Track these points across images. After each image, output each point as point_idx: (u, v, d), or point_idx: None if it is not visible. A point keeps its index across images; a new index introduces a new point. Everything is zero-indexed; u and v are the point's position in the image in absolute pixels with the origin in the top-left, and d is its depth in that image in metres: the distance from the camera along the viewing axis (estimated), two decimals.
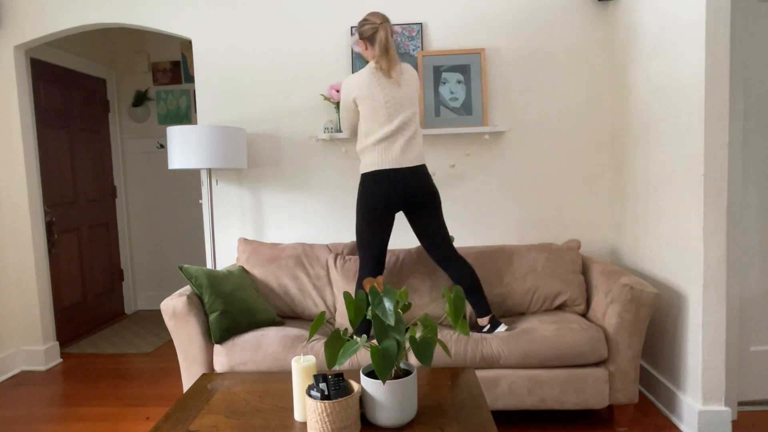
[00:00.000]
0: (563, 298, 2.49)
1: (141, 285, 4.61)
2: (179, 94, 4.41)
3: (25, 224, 3.18)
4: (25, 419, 2.55)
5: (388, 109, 2.26)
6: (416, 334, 1.45)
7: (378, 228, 2.30)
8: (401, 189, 2.25)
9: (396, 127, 2.26)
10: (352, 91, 2.31)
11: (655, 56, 2.42)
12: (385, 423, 1.43)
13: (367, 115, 2.29)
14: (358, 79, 2.30)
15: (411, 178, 2.26)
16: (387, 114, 2.26)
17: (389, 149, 2.26)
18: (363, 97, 2.28)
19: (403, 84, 2.30)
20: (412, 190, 2.26)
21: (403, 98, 2.28)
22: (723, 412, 2.10)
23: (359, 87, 2.28)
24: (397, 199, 2.27)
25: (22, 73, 3.18)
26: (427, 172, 2.34)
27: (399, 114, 2.27)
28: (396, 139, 2.27)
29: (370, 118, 2.28)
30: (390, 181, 2.25)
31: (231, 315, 2.29)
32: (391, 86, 2.27)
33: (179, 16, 3.05)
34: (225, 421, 1.52)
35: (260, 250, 2.72)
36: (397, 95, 2.27)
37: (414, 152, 2.29)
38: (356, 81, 2.30)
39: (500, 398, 2.18)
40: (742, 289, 2.37)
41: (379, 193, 2.25)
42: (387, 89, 2.27)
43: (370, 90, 2.26)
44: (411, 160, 2.27)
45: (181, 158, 2.66)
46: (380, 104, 2.26)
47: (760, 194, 2.34)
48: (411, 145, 2.28)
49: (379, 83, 2.27)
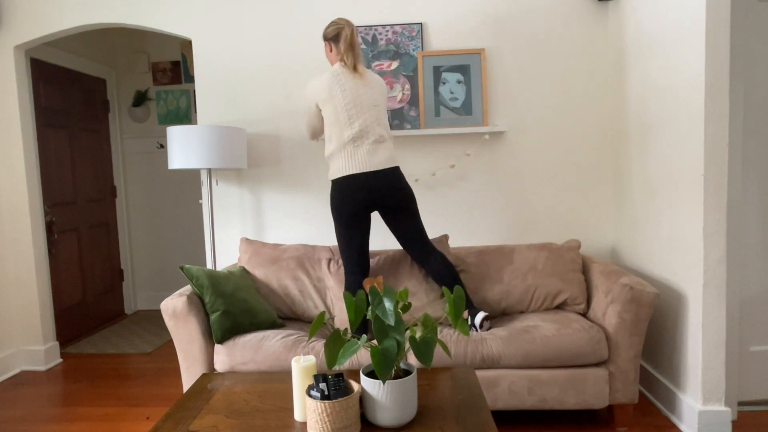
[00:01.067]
0: (564, 296, 2.49)
1: (141, 285, 4.61)
2: (179, 94, 4.41)
3: (25, 224, 3.18)
4: (25, 419, 2.55)
5: (349, 112, 2.25)
6: (416, 334, 1.45)
7: (354, 233, 2.30)
8: (370, 193, 2.24)
9: (359, 130, 2.25)
10: (314, 95, 2.31)
11: (655, 56, 2.42)
12: (385, 423, 1.43)
13: (330, 119, 2.29)
14: (319, 82, 2.30)
15: (380, 181, 2.24)
16: (348, 117, 2.25)
17: (355, 153, 2.25)
18: (324, 101, 2.28)
19: (369, 84, 2.29)
20: (382, 193, 2.25)
21: (368, 100, 2.27)
22: (723, 412, 2.11)
23: (321, 90, 2.29)
24: (368, 204, 2.26)
25: (22, 73, 3.18)
26: (399, 174, 2.30)
27: (361, 117, 2.25)
28: (361, 143, 2.25)
29: (333, 123, 2.28)
30: (358, 186, 2.24)
31: (232, 315, 2.29)
32: (356, 86, 2.26)
33: (179, 16, 3.05)
34: (225, 421, 1.52)
35: (262, 251, 2.72)
36: (361, 96, 2.26)
37: (382, 155, 2.26)
38: (318, 84, 2.30)
39: (500, 398, 2.18)
40: (742, 289, 2.37)
41: (348, 199, 2.25)
42: (349, 91, 2.26)
43: (331, 93, 2.26)
44: (379, 163, 2.25)
45: (181, 158, 2.66)
46: (341, 107, 2.25)
47: (760, 194, 2.34)
48: (378, 149, 2.26)
49: (341, 86, 2.26)
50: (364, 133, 2.26)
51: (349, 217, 2.28)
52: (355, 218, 2.28)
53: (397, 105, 2.96)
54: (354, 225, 2.29)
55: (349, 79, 2.27)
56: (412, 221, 2.34)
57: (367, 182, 2.24)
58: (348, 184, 2.25)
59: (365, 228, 2.33)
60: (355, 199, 2.24)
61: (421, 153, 3.01)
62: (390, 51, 2.95)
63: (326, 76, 2.29)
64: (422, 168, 3.01)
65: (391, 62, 2.95)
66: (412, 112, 2.95)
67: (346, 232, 2.31)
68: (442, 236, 2.65)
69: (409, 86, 2.95)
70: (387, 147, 2.30)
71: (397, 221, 2.33)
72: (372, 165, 2.24)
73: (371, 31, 2.95)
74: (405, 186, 2.31)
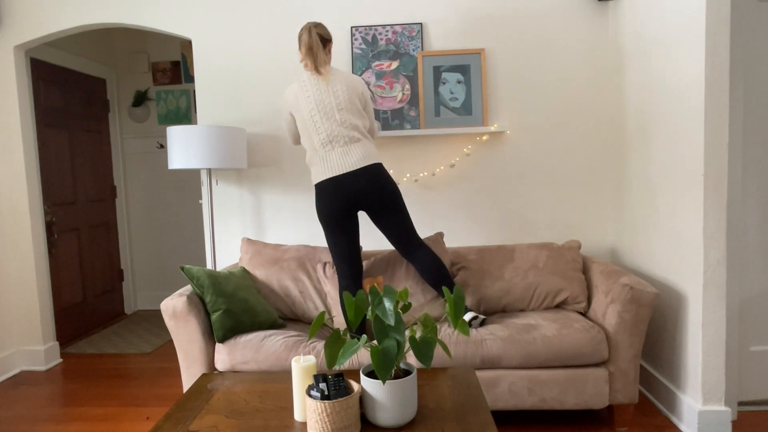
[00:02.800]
0: (564, 295, 2.49)
1: (141, 285, 4.61)
2: (179, 94, 4.41)
3: (25, 224, 3.18)
4: (25, 419, 2.55)
5: (313, 118, 2.26)
6: (416, 334, 1.45)
7: (341, 235, 2.30)
8: (351, 195, 2.24)
9: (326, 135, 2.25)
10: (286, 103, 2.36)
11: (655, 56, 2.42)
12: (385, 423, 1.43)
13: (300, 126, 2.32)
14: (289, 90, 2.34)
15: (359, 181, 2.23)
16: (314, 123, 2.27)
17: (328, 157, 2.26)
18: (294, 109, 2.32)
19: (335, 86, 2.27)
20: (363, 193, 2.24)
21: (332, 104, 2.26)
22: (723, 412, 2.11)
23: (290, 97, 2.33)
24: (350, 205, 2.26)
25: (22, 73, 3.18)
26: (379, 171, 2.27)
27: (327, 122, 2.26)
28: (332, 147, 2.25)
29: (303, 130, 2.31)
30: (337, 188, 2.24)
31: (233, 314, 2.29)
32: (319, 91, 2.27)
33: (179, 16, 3.05)
34: (225, 421, 1.52)
35: (263, 251, 2.72)
36: (324, 101, 2.26)
37: (355, 155, 2.25)
38: (288, 93, 2.35)
39: (500, 398, 2.18)
40: (742, 289, 2.37)
41: (328, 202, 2.25)
42: (312, 97, 2.27)
43: (297, 101, 2.29)
44: (352, 164, 2.24)
45: (181, 158, 2.66)
46: (307, 114, 2.27)
47: (760, 194, 2.34)
48: (351, 149, 2.25)
49: (305, 93, 2.28)
50: (333, 138, 2.26)
51: (332, 221, 2.28)
52: (338, 221, 2.28)
53: (397, 105, 2.96)
54: (339, 228, 2.29)
55: (313, 85, 2.28)
56: (397, 217, 2.31)
57: (345, 184, 2.23)
58: (327, 188, 2.25)
59: (352, 230, 2.31)
60: (335, 202, 2.25)
61: (421, 153, 3.01)
62: (390, 51, 2.95)
63: (294, 84, 2.33)
64: (422, 168, 3.01)
65: (391, 62, 2.95)
66: (412, 112, 2.95)
67: (332, 235, 2.31)
68: (437, 234, 2.64)
69: (409, 86, 2.95)
70: (362, 145, 2.28)
71: (382, 218, 2.31)
72: (347, 166, 2.24)
73: (371, 31, 2.95)
74: (387, 182, 2.28)
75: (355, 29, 2.96)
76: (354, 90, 2.31)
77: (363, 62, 2.96)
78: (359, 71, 2.96)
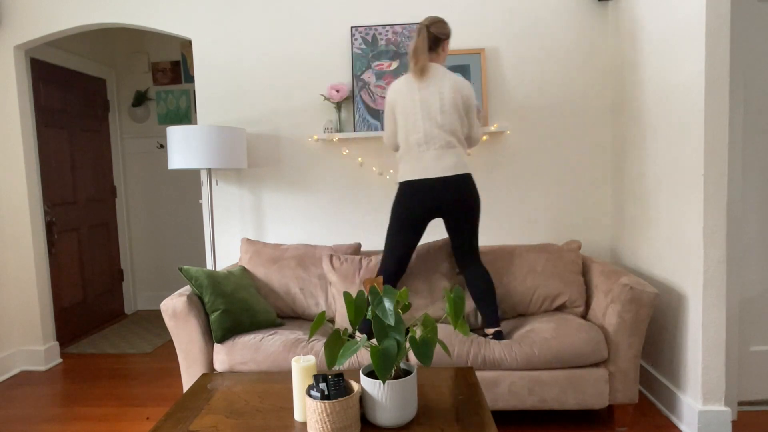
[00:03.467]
0: (563, 299, 2.49)
1: (141, 285, 4.61)
2: (179, 94, 4.41)
3: (25, 224, 3.18)
4: (25, 419, 2.55)
5: (415, 116, 2.24)
6: (416, 334, 1.45)
7: (408, 235, 2.29)
8: (434, 200, 2.21)
9: (424, 135, 2.23)
10: (388, 99, 2.33)
11: (654, 56, 2.42)
12: (385, 423, 1.43)
13: (399, 122, 2.30)
14: (394, 85, 2.32)
15: (445, 189, 2.21)
16: (414, 122, 2.24)
17: (421, 158, 2.23)
18: (397, 103, 2.29)
19: (441, 89, 2.24)
20: (446, 201, 2.22)
21: (435, 105, 2.23)
22: (723, 412, 2.10)
23: (393, 93, 2.31)
24: (431, 211, 2.24)
25: (22, 73, 3.18)
26: (468, 182, 2.25)
27: (427, 122, 2.23)
28: (427, 148, 2.22)
29: (402, 127, 2.29)
30: (423, 192, 2.21)
31: (232, 314, 2.29)
32: (423, 90, 2.24)
33: (179, 16, 3.05)
34: (225, 421, 1.52)
35: (263, 251, 2.72)
36: (428, 100, 2.23)
37: (448, 161, 2.22)
38: (394, 86, 2.32)
39: (500, 398, 2.18)
40: (742, 289, 2.36)
41: (412, 203, 2.23)
42: (417, 94, 2.25)
43: (402, 96, 2.27)
44: (444, 170, 2.21)
45: (181, 158, 2.66)
46: (410, 111, 2.25)
47: (760, 194, 2.34)
48: (445, 155, 2.22)
49: (409, 89, 2.26)
50: (429, 139, 2.23)
51: (408, 221, 2.26)
52: (414, 223, 2.26)
53: None
54: (411, 229, 2.27)
55: (417, 83, 2.26)
56: (471, 230, 2.31)
57: (434, 189, 2.20)
58: (415, 189, 2.22)
59: (419, 233, 2.30)
60: (419, 206, 2.22)
61: None
62: (390, 51, 2.95)
63: (402, 79, 2.32)
64: None
65: (391, 62, 2.95)
66: None
67: (399, 233, 2.29)
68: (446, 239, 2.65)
69: None
70: (456, 153, 2.24)
71: (457, 226, 2.30)
72: (439, 171, 2.21)
73: (371, 31, 2.95)
74: (473, 195, 2.26)
75: (355, 29, 2.96)
76: (460, 94, 2.28)
77: (363, 62, 2.96)
78: (359, 71, 2.96)
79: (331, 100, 2.89)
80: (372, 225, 3.06)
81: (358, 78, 2.96)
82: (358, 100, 2.96)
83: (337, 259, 2.61)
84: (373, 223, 3.06)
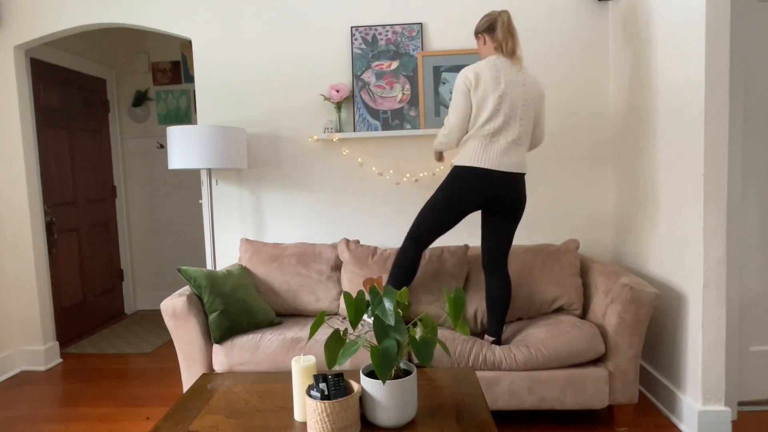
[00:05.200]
0: (561, 302, 2.49)
1: (141, 285, 4.61)
2: (179, 94, 4.41)
3: (25, 224, 3.18)
4: (25, 419, 2.55)
5: (498, 104, 2.13)
6: (416, 334, 1.45)
7: (451, 219, 2.24)
8: (493, 193, 2.17)
9: (501, 125, 2.14)
10: (466, 79, 2.15)
11: (654, 56, 2.42)
12: (385, 423, 1.43)
13: (476, 107, 2.16)
14: (475, 65, 2.18)
15: (507, 184, 2.17)
16: (494, 110, 2.13)
17: (490, 147, 2.15)
18: (476, 84, 2.13)
19: (526, 81, 2.18)
20: (503, 197, 2.18)
21: (519, 96, 2.16)
22: (723, 412, 2.10)
23: (475, 73, 2.15)
24: (486, 202, 2.20)
25: (22, 73, 3.18)
26: (523, 182, 2.24)
27: (509, 112, 2.15)
28: (499, 140, 2.16)
29: (478, 111, 2.15)
30: (486, 182, 2.16)
31: (231, 315, 2.29)
32: (511, 77, 2.15)
33: (179, 16, 3.05)
34: (225, 421, 1.52)
35: (263, 250, 2.73)
36: (514, 90, 2.15)
37: (515, 158, 2.18)
38: (473, 68, 2.17)
39: (500, 398, 2.18)
40: (742, 289, 2.36)
41: (471, 190, 2.17)
42: (503, 80, 2.14)
43: (484, 81, 2.13)
44: (510, 165, 2.17)
45: (181, 158, 2.66)
46: (494, 97, 2.12)
47: (760, 194, 2.34)
48: (513, 150, 2.17)
49: (496, 73, 2.14)
50: (505, 130, 2.15)
51: (460, 206, 2.19)
52: (464, 208, 2.20)
53: (397, 105, 2.95)
54: (459, 213, 2.21)
55: (507, 70, 2.15)
56: (510, 229, 2.28)
57: (497, 182, 2.16)
58: (479, 177, 2.16)
59: (458, 221, 2.26)
60: (479, 195, 2.17)
61: (421, 153, 3.00)
62: (390, 51, 2.95)
63: (483, 62, 2.18)
64: (422, 168, 3.01)
65: (391, 62, 2.95)
66: (412, 112, 2.95)
67: (443, 214, 2.22)
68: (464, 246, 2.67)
69: (409, 86, 2.95)
70: (521, 151, 2.21)
71: (499, 223, 2.26)
72: (505, 165, 2.16)
73: (371, 31, 2.95)
74: (524, 197, 2.26)
75: (355, 29, 2.96)
76: (540, 95, 2.24)
77: (363, 62, 2.96)
78: (359, 71, 2.96)
79: (331, 100, 2.89)
80: (372, 225, 3.06)
81: (358, 78, 2.96)
82: (358, 100, 2.96)
83: (354, 243, 2.70)
84: (372, 223, 3.06)
